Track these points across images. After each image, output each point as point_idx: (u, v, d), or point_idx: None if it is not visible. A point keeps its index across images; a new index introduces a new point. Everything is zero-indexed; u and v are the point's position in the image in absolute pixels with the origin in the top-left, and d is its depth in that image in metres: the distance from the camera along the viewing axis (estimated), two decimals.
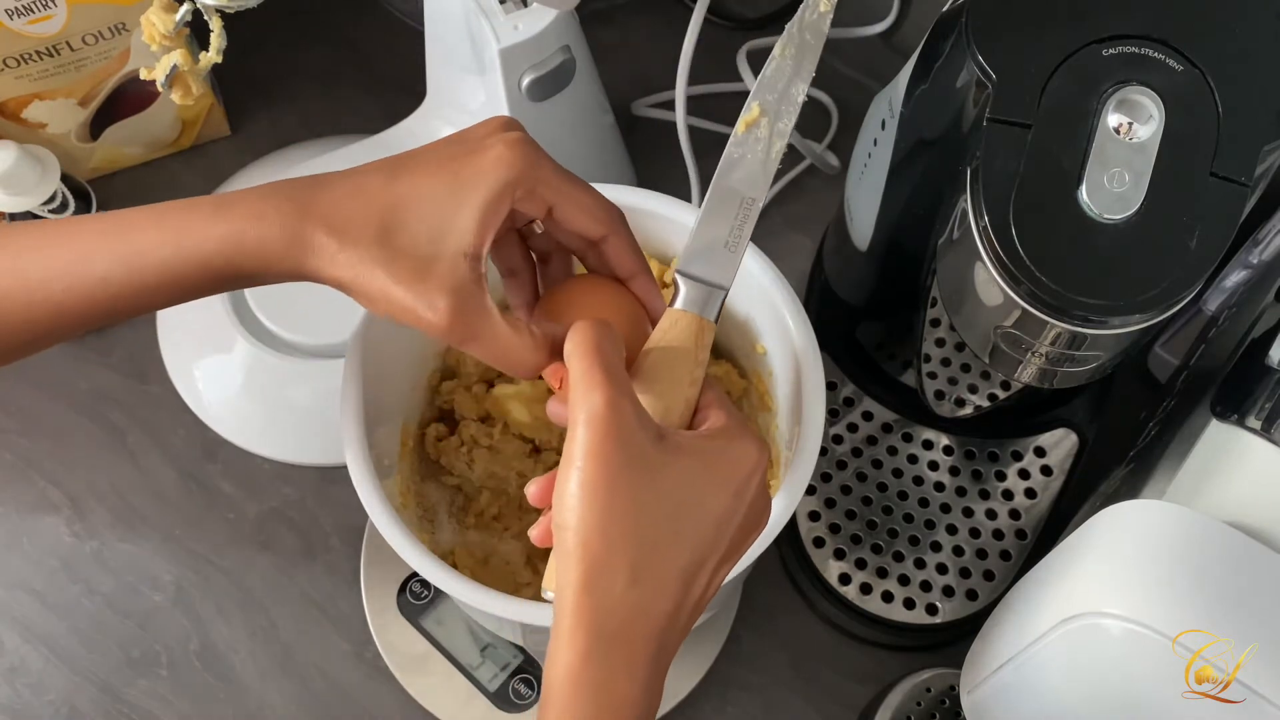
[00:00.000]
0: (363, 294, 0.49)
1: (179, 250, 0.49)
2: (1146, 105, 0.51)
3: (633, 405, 0.46)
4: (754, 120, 0.52)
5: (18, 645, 0.76)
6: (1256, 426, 0.53)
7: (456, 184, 0.49)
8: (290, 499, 0.80)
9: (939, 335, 0.66)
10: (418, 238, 0.48)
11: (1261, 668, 0.45)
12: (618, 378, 0.46)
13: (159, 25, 0.62)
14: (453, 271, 0.48)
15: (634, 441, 0.45)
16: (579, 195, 0.52)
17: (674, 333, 0.50)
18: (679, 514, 0.46)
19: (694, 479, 0.46)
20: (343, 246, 0.48)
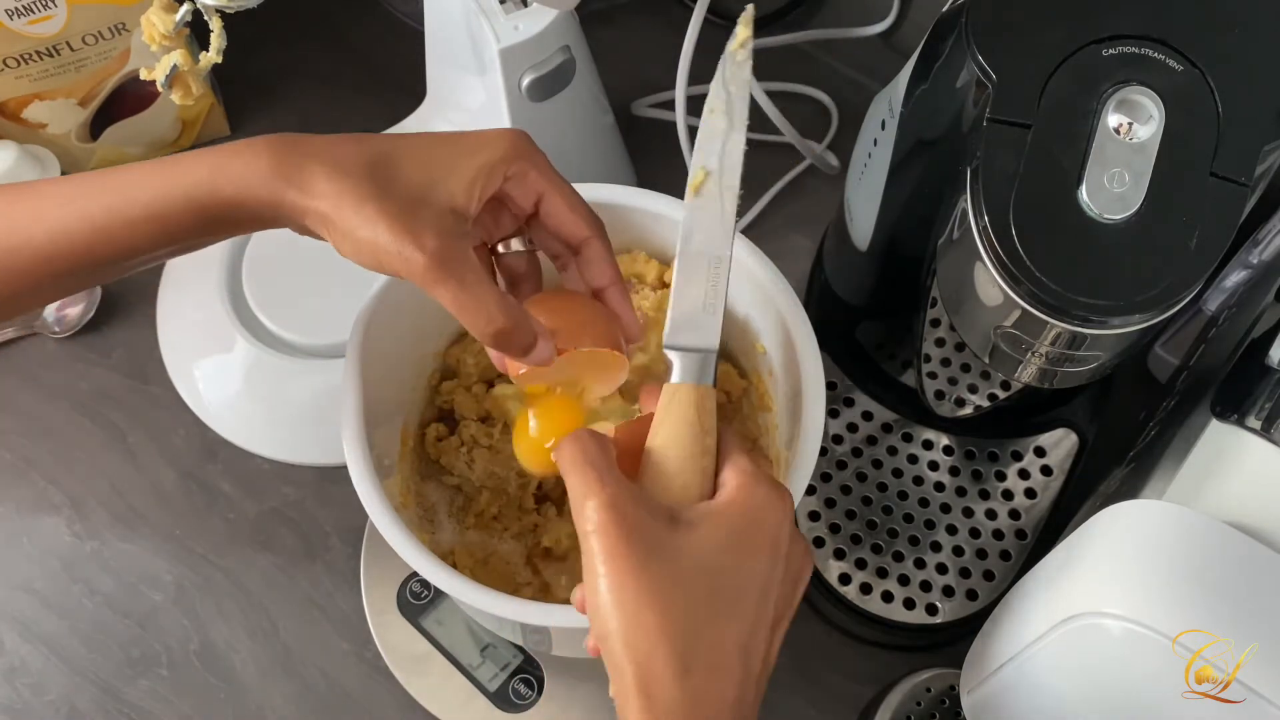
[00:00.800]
0: (341, 228, 0.49)
1: (163, 185, 0.49)
2: (1146, 105, 0.51)
3: (633, 499, 0.46)
4: (701, 183, 0.53)
5: (18, 645, 0.76)
6: (1256, 426, 0.53)
7: (456, 148, 0.51)
8: (290, 499, 0.80)
9: (939, 335, 0.66)
10: (410, 181, 0.49)
11: (1261, 668, 0.45)
12: (610, 478, 0.46)
13: (159, 25, 0.62)
14: (439, 219, 0.49)
15: (645, 533, 0.45)
16: (568, 192, 0.54)
17: (675, 408, 0.50)
18: (714, 590, 0.45)
19: (720, 550, 0.46)
20: (330, 176, 0.49)
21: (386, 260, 0.49)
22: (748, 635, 0.45)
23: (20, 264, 0.50)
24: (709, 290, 0.53)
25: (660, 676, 0.43)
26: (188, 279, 0.83)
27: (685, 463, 0.49)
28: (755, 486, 0.48)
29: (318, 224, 0.50)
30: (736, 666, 0.44)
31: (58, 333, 0.84)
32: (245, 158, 0.49)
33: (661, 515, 0.46)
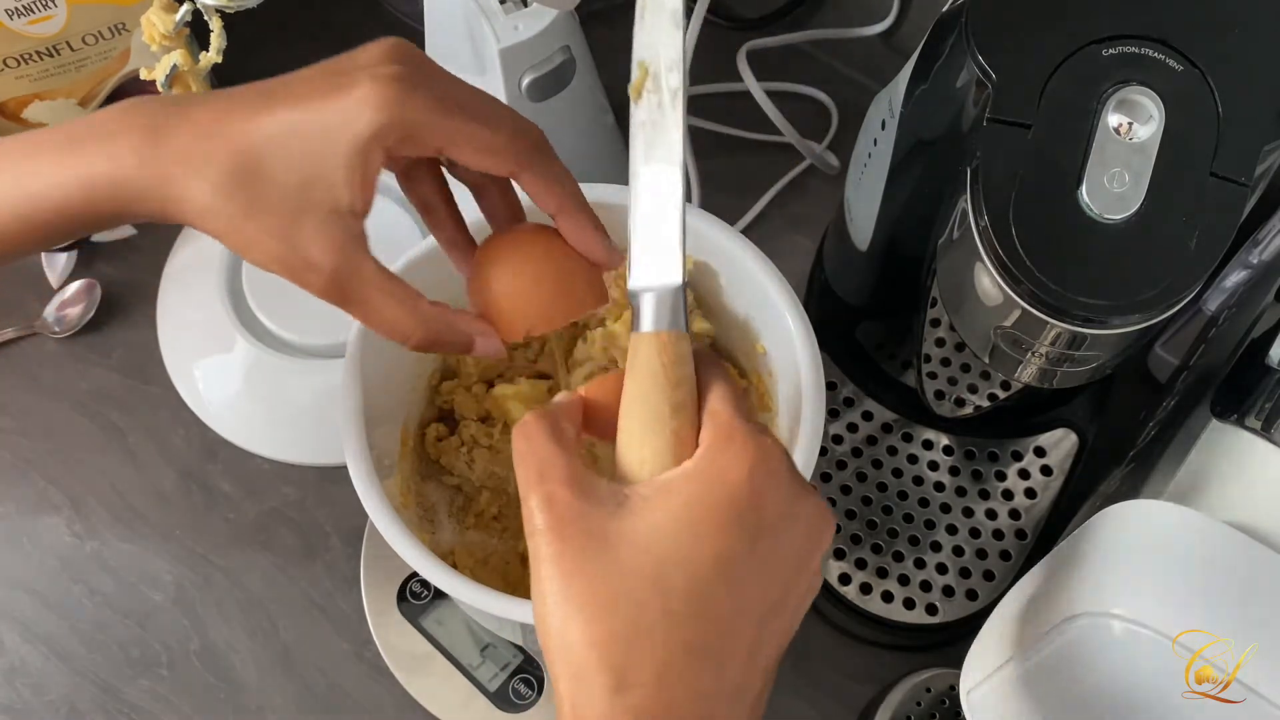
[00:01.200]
0: (235, 247, 0.45)
1: (29, 196, 0.45)
2: (1146, 105, 0.51)
3: (574, 489, 0.39)
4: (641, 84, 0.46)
5: (18, 645, 0.76)
6: (1256, 427, 0.53)
7: (323, 128, 0.43)
8: (290, 499, 0.80)
9: (939, 335, 0.66)
10: (286, 188, 0.43)
11: (1261, 668, 0.45)
12: (551, 471, 0.40)
13: (159, 25, 0.62)
14: (325, 228, 0.44)
15: (584, 527, 0.38)
16: (473, 132, 0.45)
17: (637, 362, 0.43)
18: (661, 586, 0.37)
19: (671, 534, 0.38)
20: (204, 195, 0.43)
21: (289, 278, 0.45)
22: (715, 636, 0.37)
23: None
24: (667, 215, 0.45)
25: (591, 694, 0.36)
26: (188, 279, 0.83)
27: (651, 425, 0.42)
28: (725, 444, 0.40)
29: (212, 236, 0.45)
30: (698, 677, 0.37)
31: (58, 333, 0.84)
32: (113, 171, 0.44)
33: (609, 500, 0.39)
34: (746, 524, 0.38)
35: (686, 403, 0.42)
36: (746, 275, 0.64)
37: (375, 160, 0.44)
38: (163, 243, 0.85)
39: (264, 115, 0.44)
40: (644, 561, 0.37)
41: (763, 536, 0.39)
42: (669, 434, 0.42)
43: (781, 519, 0.39)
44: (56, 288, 0.85)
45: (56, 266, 0.85)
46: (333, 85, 0.44)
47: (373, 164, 0.44)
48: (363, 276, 0.45)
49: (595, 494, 0.39)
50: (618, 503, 0.39)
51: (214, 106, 0.45)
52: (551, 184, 0.47)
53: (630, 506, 0.39)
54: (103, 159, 0.44)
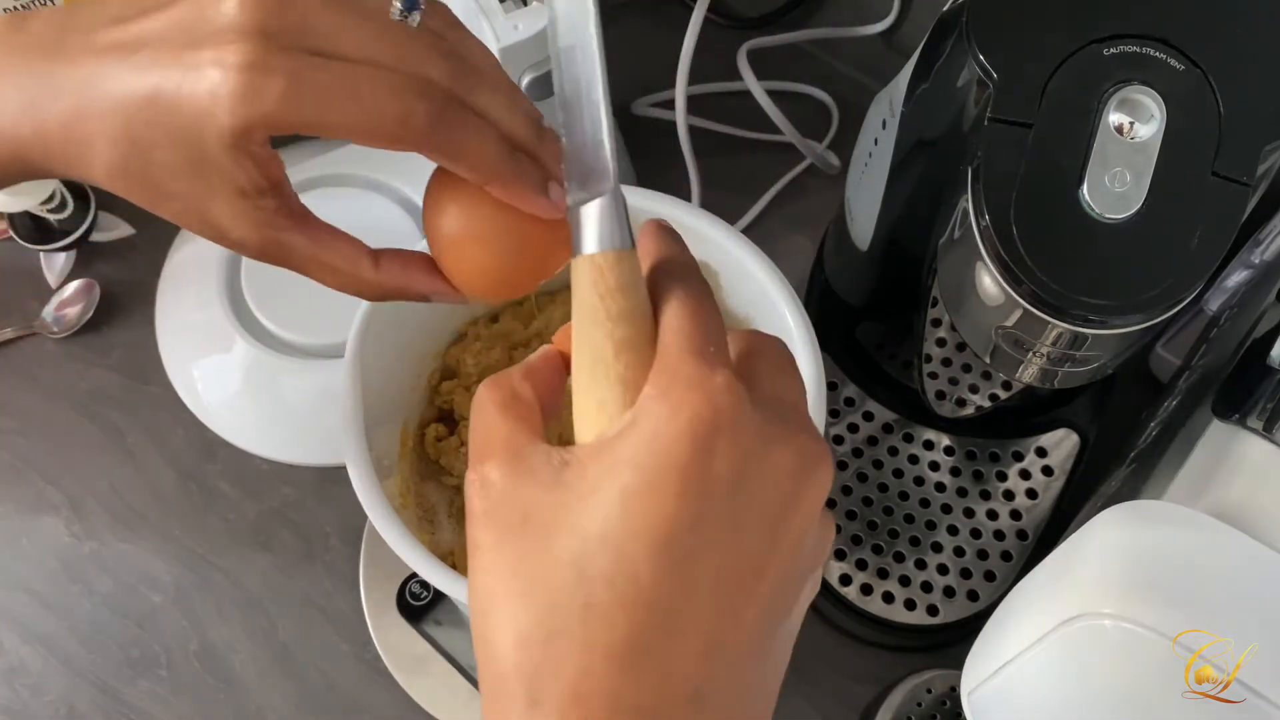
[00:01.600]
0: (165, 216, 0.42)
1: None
2: (1148, 105, 0.50)
3: (505, 465, 0.33)
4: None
5: (17, 646, 0.76)
6: (1258, 427, 0.52)
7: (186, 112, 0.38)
8: (290, 499, 0.80)
9: (940, 335, 0.66)
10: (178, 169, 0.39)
11: (1261, 668, 0.45)
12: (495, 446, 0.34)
13: None
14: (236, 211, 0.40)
15: (511, 505, 0.32)
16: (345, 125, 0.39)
17: (577, 297, 0.36)
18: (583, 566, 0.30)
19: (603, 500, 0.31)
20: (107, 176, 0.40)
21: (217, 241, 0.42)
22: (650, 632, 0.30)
23: None
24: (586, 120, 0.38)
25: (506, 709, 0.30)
26: (186, 279, 0.83)
27: (595, 370, 0.34)
28: (664, 391, 0.32)
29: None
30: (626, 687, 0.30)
31: (56, 333, 0.84)
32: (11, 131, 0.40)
33: (543, 472, 0.32)
34: (689, 488, 0.31)
35: (635, 338, 0.35)
36: (746, 275, 0.63)
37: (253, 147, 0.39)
38: (161, 242, 0.85)
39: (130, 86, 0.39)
40: (568, 545, 0.31)
41: (713, 499, 0.31)
42: (614, 378, 0.34)
43: (740, 474, 0.31)
44: (55, 287, 0.85)
45: (55, 266, 0.85)
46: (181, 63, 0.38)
47: (253, 151, 0.39)
48: (291, 249, 0.42)
49: (530, 467, 0.32)
50: (554, 474, 0.32)
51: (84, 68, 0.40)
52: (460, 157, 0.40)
53: (563, 478, 0.32)
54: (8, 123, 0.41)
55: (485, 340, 0.69)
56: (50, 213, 0.81)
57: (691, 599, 0.30)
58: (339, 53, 0.39)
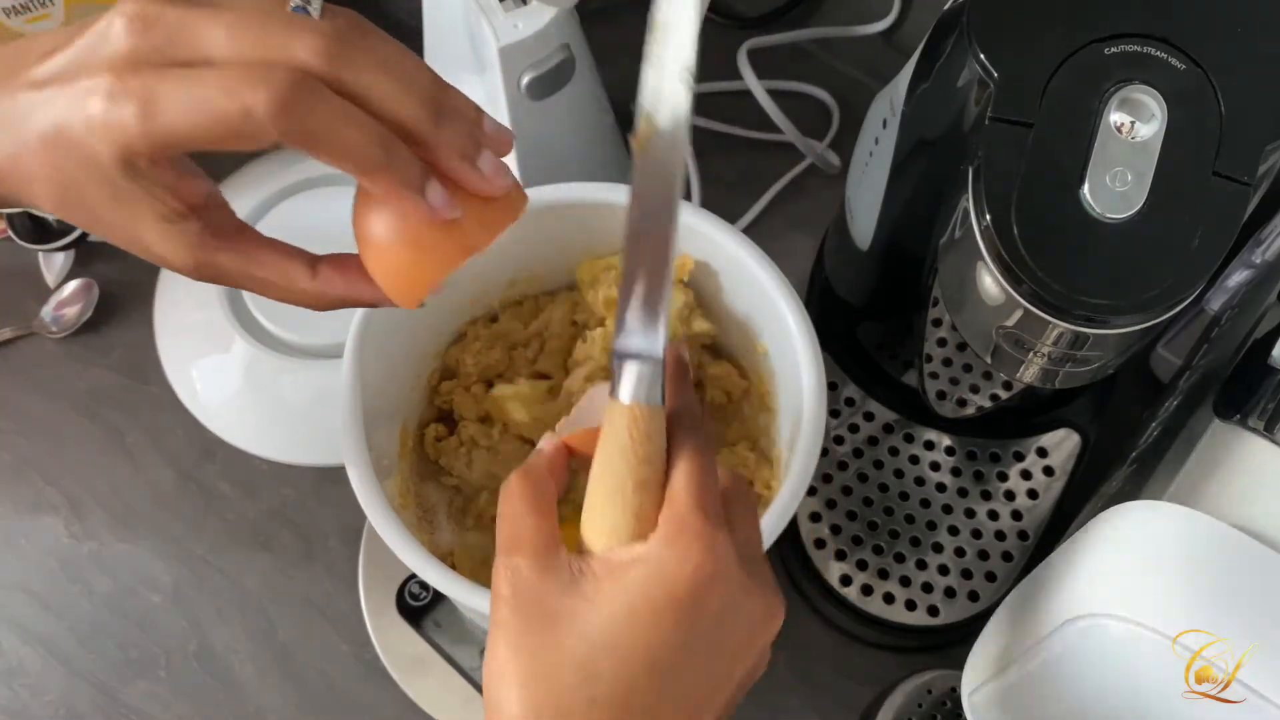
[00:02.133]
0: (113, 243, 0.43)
1: None
2: (1149, 104, 0.50)
3: (534, 562, 0.40)
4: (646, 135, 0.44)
5: (16, 646, 0.76)
6: (1259, 427, 0.52)
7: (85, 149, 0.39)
8: (289, 499, 0.80)
9: (940, 335, 0.66)
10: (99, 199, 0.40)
11: (1261, 668, 0.45)
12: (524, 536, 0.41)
13: None
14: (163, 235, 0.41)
15: (537, 599, 0.40)
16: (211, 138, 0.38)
17: (609, 434, 0.43)
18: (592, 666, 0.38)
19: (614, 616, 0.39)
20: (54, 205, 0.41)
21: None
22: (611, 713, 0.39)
23: None
24: (648, 282, 0.43)
25: None
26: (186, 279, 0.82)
27: (613, 498, 0.42)
28: (675, 537, 0.40)
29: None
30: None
31: (55, 333, 0.83)
32: None
33: (563, 575, 0.40)
34: (683, 623, 0.39)
35: (650, 480, 0.42)
36: (747, 275, 0.63)
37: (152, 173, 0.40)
38: None
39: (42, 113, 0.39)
40: (579, 646, 0.39)
41: (700, 632, 0.39)
42: (629, 510, 0.42)
43: (723, 615, 0.40)
44: (54, 287, 0.85)
45: (54, 266, 0.85)
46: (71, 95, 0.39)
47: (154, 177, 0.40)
48: (222, 268, 0.43)
49: (554, 567, 0.40)
50: (572, 578, 0.40)
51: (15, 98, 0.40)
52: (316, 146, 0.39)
53: (580, 586, 0.40)
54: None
55: (485, 340, 0.69)
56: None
57: (670, 704, 0.39)
58: (204, 56, 0.38)
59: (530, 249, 0.67)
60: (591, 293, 0.68)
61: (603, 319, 0.67)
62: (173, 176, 0.41)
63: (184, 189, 0.41)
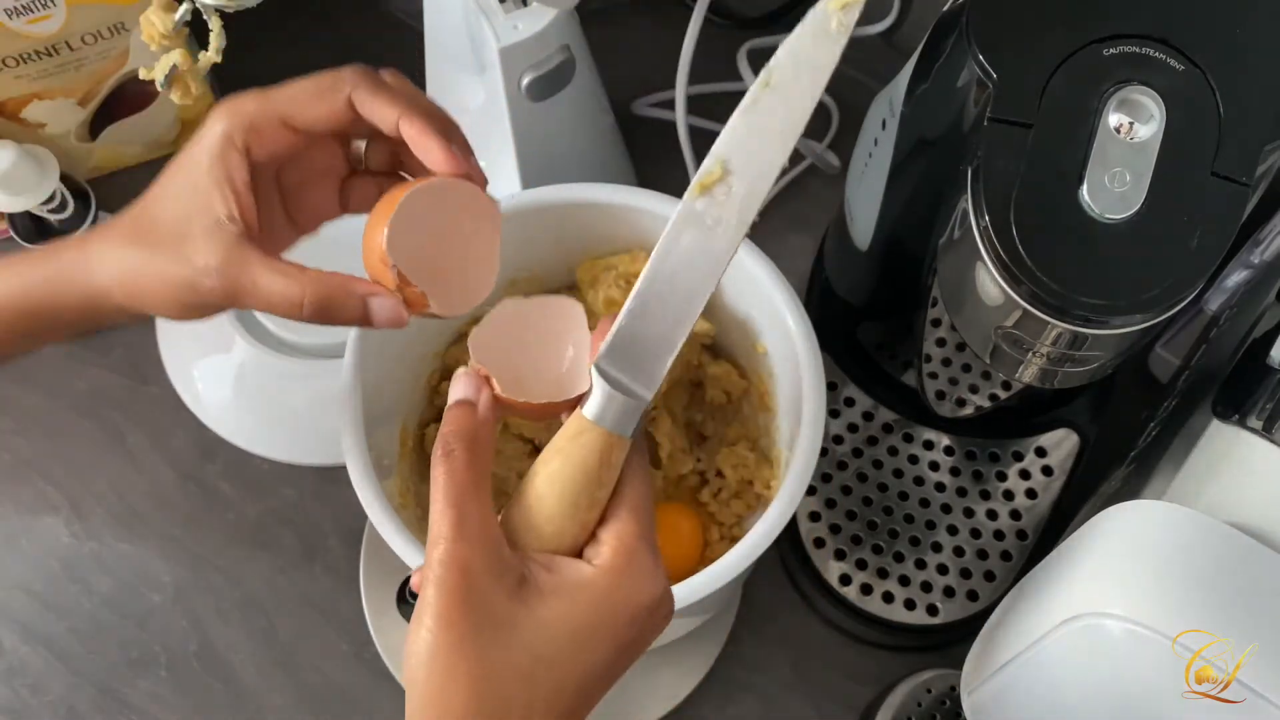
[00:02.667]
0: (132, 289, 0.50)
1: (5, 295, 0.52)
2: (1147, 105, 0.50)
3: (486, 560, 0.41)
4: (714, 182, 0.43)
5: (17, 646, 0.76)
6: (1257, 427, 0.52)
7: (191, 160, 0.49)
8: (289, 499, 0.80)
9: (940, 335, 0.66)
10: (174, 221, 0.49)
11: (1261, 668, 0.45)
12: (471, 527, 0.42)
13: (158, 25, 0.62)
14: (208, 238, 0.48)
15: (485, 605, 0.41)
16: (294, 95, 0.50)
17: (576, 449, 0.43)
18: (534, 677, 0.41)
19: (558, 634, 0.42)
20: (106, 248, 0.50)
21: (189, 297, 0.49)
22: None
23: None
24: (670, 328, 0.44)
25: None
26: None
27: (565, 510, 0.43)
28: (624, 569, 0.43)
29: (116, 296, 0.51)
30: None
31: None
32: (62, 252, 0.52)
33: (510, 576, 0.42)
34: (615, 645, 0.43)
35: (602, 500, 0.44)
36: (746, 275, 0.63)
37: (235, 164, 0.49)
38: None
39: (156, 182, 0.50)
40: (523, 656, 0.41)
41: (623, 653, 0.43)
42: (577, 524, 0.44)
43: (641, 635, 0.44)
44: None
45: None
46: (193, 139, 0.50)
47: (234, 169, 0.49)
48: (246, 261, 0.48)
49: (503, 570, 0.42)
50: (517, 583, 0.42)
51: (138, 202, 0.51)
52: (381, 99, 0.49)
53: (525, 596, 0.42)
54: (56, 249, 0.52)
55: None
56: (51, 213, 0.81)
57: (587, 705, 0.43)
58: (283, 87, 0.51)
59: (530, 249, 0.67)
60: (591, 293, 0.68)
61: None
62: (245, 176, 0.49)
63: (245, 198, 0.49)
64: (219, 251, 0.48)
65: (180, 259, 0.48)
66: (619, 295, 0.66)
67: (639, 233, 0.66)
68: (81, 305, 0.52)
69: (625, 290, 0.65)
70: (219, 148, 0.49)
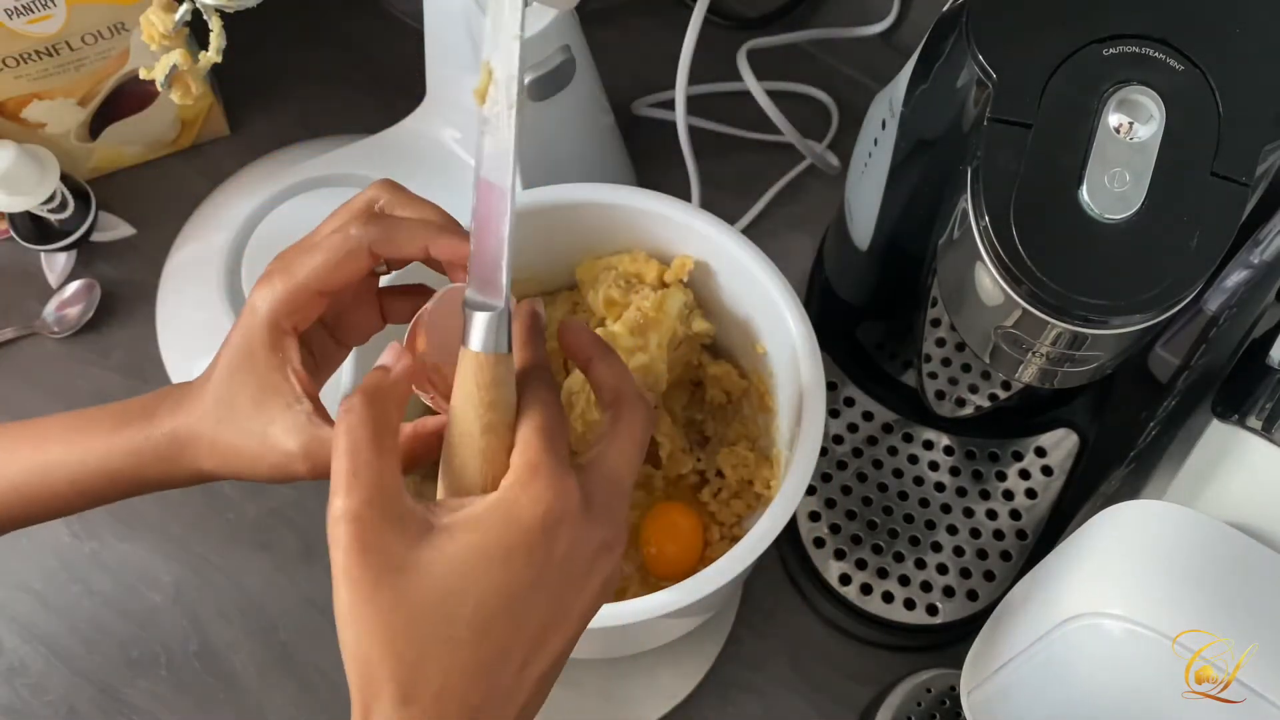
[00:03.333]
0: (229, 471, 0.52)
1: (84, 463, 0.54)
2: (1147, 105, 0.51)
3: (382, 509, 0.41)
4: (485, 88, 0.46)
5: (17, 645, 0.76)
6: (1257, 427, 0.52)
7: (244, 350, 0.51)
8: (290, 499, 0.80)
9: (939, 335, 0.66)
10: (249, 409, 0.51)
11: (1261, 668, 0.45)
12: (364, 477, 0.41)
13: (158, 25, 0.62)
14: (285, 423, 0.50)
15: (385, 553, 0.41)
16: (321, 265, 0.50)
17: (459, 380, 0.44)
18: (448, 615, 0.41)
19: (466, 566, 0.41)
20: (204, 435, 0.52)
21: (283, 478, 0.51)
22: (491, 657, 0.42)
23: None
24: (493, 234, 0.46)
25: (380, 701, 0.41)
26: (187, 279, 0.83)
27: (462, 440, 0.44)
28: (527, 482, 0.42)
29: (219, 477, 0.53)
30: (471, 693, 0.41)
31: (57, 333, 0.84)
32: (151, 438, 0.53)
33: (414, 525, 0.42)
34: (534, 560, 0.42)
35: (497, 423, 0.44)
36: (746, 275, 0.63)
37: (288, 349, 0.51)
38: (162, 242, 0.85)
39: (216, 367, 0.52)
40: (434, 594, 0.41)
41: (549, 569, 0.42)
42: (476, 452, 0.44)
43: (569, 551, 0.43)
44: (56, 287, 0.85)
45: (56, 266, 0.85)
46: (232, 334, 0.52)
47: (289, 355, 0.51)
48: (323, 440, 0.49)
49: (400, 518, 0.42)
50: (420, 531, 0.42)
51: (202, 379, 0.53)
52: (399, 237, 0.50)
53: (431, 538, 0.42)
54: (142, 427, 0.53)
55: None
56: (51, 213, 0.81)
57: (518, 637, 0.42)
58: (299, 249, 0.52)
59: (530, 249, 0.67)
60: (592, 293, 0.68)
61: (603, 319, 0.67)
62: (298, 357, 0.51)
63: (304, 376, 0.51)
64: (299, 438, 0.49)
65: (269, 448, 0.50)
66: (619, 295, 0.66)
67: (639, 233, 0.66)
68: (169, 480, 0.54)
69: (625, 290, 0.66)
70: (270, 337, 0.50)
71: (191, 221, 0.85)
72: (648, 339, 0.64)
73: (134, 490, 0.55)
